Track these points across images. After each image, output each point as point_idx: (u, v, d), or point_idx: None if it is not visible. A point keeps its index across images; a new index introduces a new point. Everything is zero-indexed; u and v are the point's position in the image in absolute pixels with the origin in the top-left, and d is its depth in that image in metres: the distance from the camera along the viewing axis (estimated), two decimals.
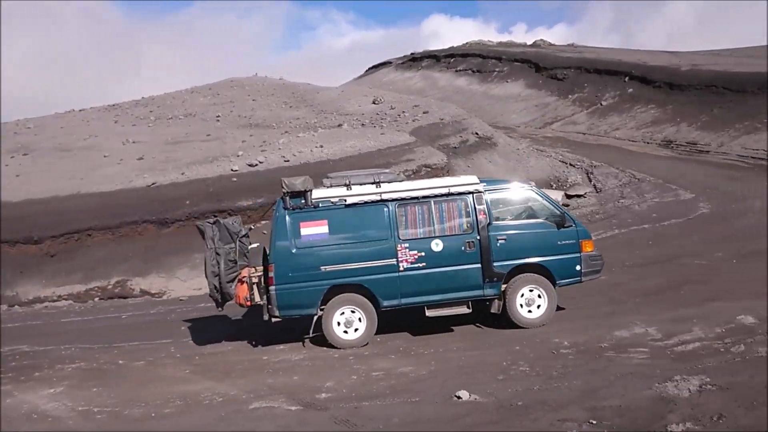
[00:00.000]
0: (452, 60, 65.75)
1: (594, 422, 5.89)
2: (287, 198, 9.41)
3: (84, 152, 23.44)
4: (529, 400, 6.74)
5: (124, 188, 18.74)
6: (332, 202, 9.51)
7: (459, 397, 6.81)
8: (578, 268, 9.92)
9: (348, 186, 9.64)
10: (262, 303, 9.70)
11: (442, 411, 6.64)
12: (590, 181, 24.17)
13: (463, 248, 9.59)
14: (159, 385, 8.62)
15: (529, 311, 9.74)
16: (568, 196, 22.24)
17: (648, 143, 31.53)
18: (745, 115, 29.67)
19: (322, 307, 9.60)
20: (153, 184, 18.72)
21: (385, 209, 9.56)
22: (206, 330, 11.81)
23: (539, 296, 9.74)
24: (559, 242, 9.85)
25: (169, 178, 19.04)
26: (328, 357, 9.27)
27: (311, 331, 9.72)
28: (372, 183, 9.72)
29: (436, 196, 9.68)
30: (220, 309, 10.25)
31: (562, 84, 47.02)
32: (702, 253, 13.49)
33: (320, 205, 9.49)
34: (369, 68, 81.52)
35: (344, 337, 9.56)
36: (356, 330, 9.58)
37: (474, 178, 10.12)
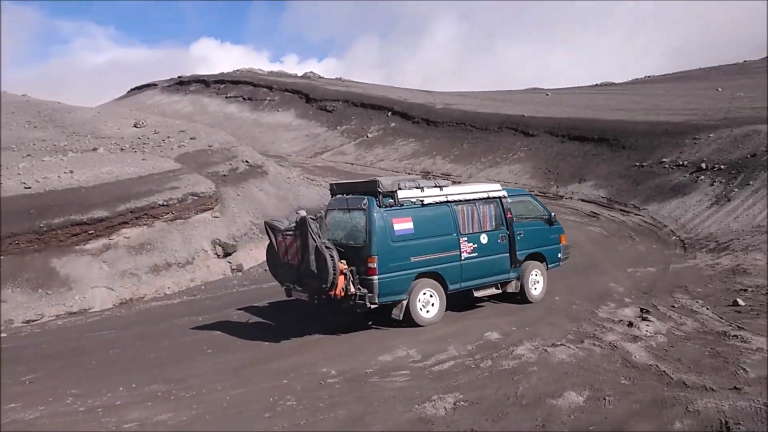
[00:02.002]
0: (222, 86, 64.66)
1: None
2: (380, 197, 10.36)
3: None
4: None
5: None
6: (412, 202, 10.71)
7: None
8: (560, 255, 12.87)
9: (421, 188, 10.97)
10: (357, 293, 10.14)
11: None
12: None
13: (499, 240, 11.68)
14: None
15: (535, 289, 12.20)
16: None
17: (409, 174, 33.88)
18: (487, 150, 33.53)
19: None
20: None
21: (449, 209, 11.15)
22: None
23: (537, 277, 12.27)
24: (549, 236, 12.70)
25: None
26: (72, 411, 8.11)
27: (401, 315, 10.58)
28: (435, 186, 11.20)
29: (480, 199, 11.66)
30: (315, 302, 10.67)
31: (331, 116, 48.76)
32: None
33: (404, 204, 10.60)
34: (132, 89, 76.72)
35: (426, 316, 10.81)
36: (431, 309, 10.88)
37: (498, 186, 12.43)
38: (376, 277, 10.12)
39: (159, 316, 14.15)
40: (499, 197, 11.93)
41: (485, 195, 11.77)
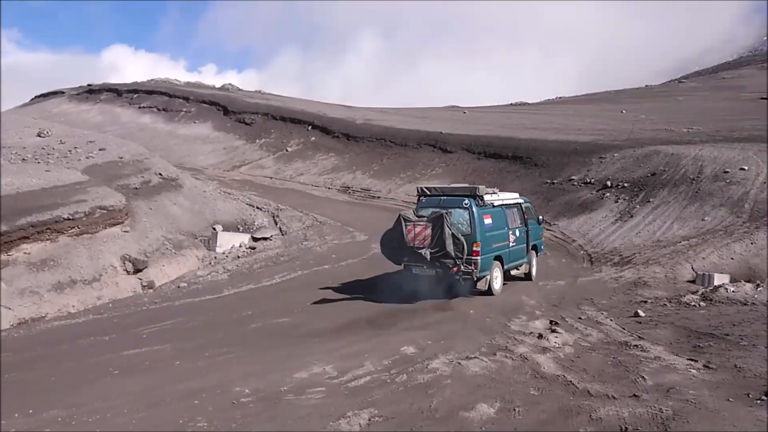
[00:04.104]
0: (136, 96, 62.62)
1: None
2: (479, 199, 13.53)
3: None
4: None
5: None
6: (489, 204, 13.91)
7: None
8: (542, 247, 17.06)
9: (491, 194, 14.22)
10: (464, 269, 13.03)
11: None
12: (276, 224, 24.82)
13: (522, 234, 15.28)
14: None
15: (534, 270, 16.06)
16: (255, 239, 22.42)
17: (329, 188, 33.89)
18: (407, 165, 34.04)
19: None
20: None
21: (502, 210, 14.55)
22: None
23: (534, 261, 16.11)
24: (539, 233, 16.78)
25: None
26: None
27: (486, 286, 13.79)
28: (494, 193, 14.51)
29: (513, 204, 15.36)
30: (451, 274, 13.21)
31: (250, 128, 48.11)
32: (375, 293, 14.57)
33: (486, 205, 13.77)
34: (36, 96, 73.03)
35: (496, 288, 14.06)
36: (497, 283, 14.17)
37: (517, 194, 16.47)
38: (479, 258, 13.19)
39: (62, 336, 13.36)
40: (520, 203, 15.82)
41: (515, 201, 15.58)
